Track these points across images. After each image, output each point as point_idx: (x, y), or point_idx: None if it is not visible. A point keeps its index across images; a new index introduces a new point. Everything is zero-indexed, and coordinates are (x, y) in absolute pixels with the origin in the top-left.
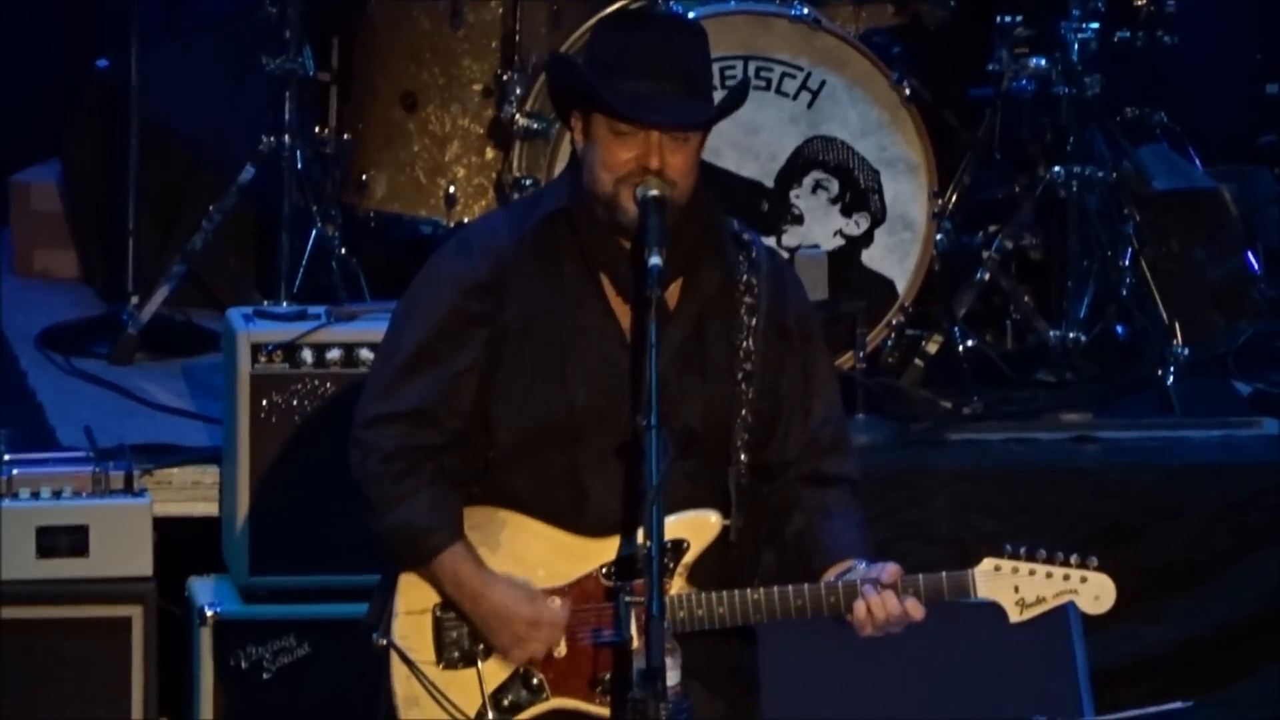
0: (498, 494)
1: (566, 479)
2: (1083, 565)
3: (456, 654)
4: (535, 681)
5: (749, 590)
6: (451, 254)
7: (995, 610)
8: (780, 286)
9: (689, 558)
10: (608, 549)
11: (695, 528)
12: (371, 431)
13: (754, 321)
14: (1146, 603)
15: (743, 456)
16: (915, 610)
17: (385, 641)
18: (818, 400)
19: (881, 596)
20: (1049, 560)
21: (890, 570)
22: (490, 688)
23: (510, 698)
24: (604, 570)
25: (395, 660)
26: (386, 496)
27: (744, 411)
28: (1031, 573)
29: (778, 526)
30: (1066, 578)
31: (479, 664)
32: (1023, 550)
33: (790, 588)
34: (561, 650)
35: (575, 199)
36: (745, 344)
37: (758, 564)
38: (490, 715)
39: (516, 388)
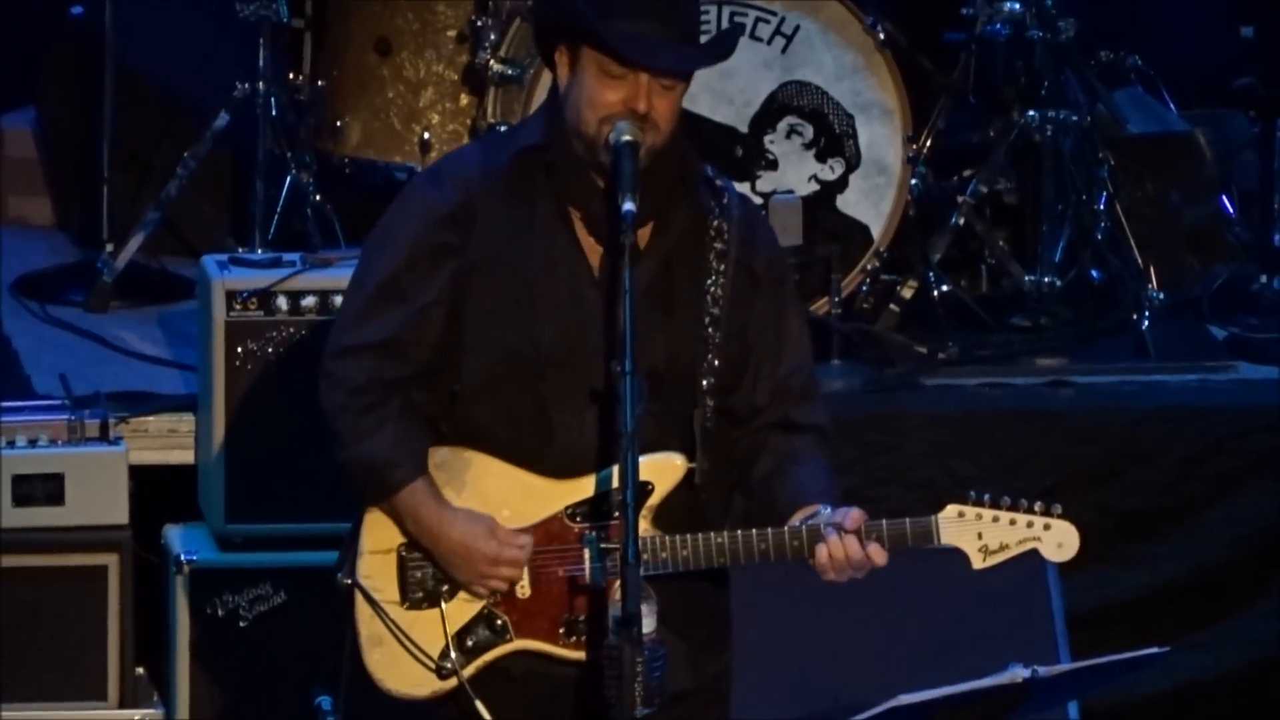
0: (465, 431)
1: (532, 416)
2: (1046, 513)
3: (420, 594)
4: (499, 623)
5: (712, 534)
6: (423, 184)
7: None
8: (751, 233)
9: (653, 500)
10: (574, 490)
11: (659, 470)
12: (340, 362)
13: (723, 266)
14: (1122, 547)
15: (709, 400)
16: (878, 555)
17: (350, 581)
18: (788, 347)
19: (843, 541)
20: (1013, 507)
21: (853, 516)
22: (454, 628)
23: (474, 639)
24: (569, 511)
25: (360, 599)
26: (352, 429)
27: (710, 355)
28: (995, 519)
29: (745, 471)
30: (1030, 525)
31: (443, 604)
32: (986, 497)
33: (754, 531)
34: (526, 591)
35: (552, 135)
36: (714, 289)
37: (727, 508)
38: (453, 656)
39: (482, 320)
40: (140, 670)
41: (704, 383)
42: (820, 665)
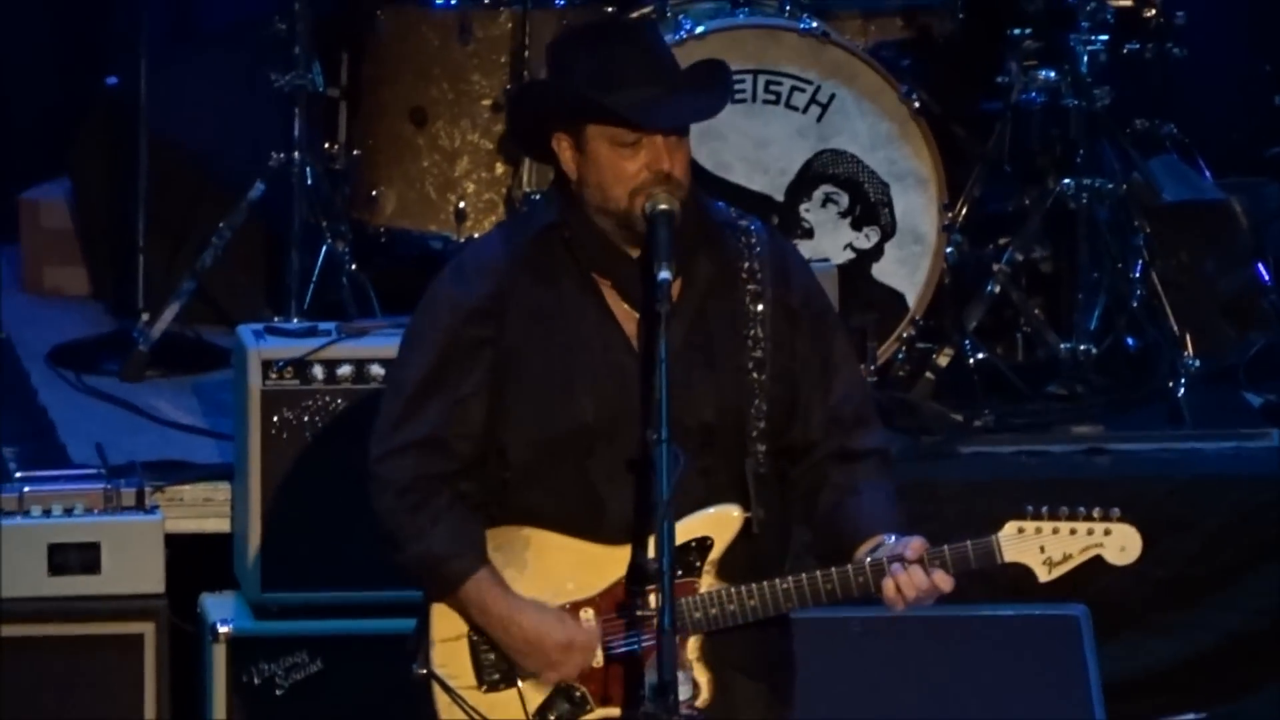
0: (517, 512)
1: (583, 491)
2: (1106, 518)
3: (496, 675)
4: (578, 694)
5: (777, 580)
6: (448, 280)
7: (1007, 625)
8: (783, 268)
9: (715, 554)
10: (634, 554)
11: (717, 523)
12: (384, 466)
13: (760, 308)
14: (1157, 615)
15: (759, 446)
16: (943, 582)
17: (425, 671)
18: (836, 378)
19: (909, 572)
20: (1071, 517)
21: (914, 545)
22: (533, 706)
23: (555, 714)
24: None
25: (437, 689)
26: (405, 529)
27: (758, 400)
28: (1055, 531)
29: (810, 506)
30: (1090, 532)
31: (519, 683)
32: (1045, 510)
33: (819, 573)
34: (599, 660)
35: (567, 213)
36: (753, 331)
37: (785, 551)
38: None
39: (526, 405)
40: None
41: (754, 429)
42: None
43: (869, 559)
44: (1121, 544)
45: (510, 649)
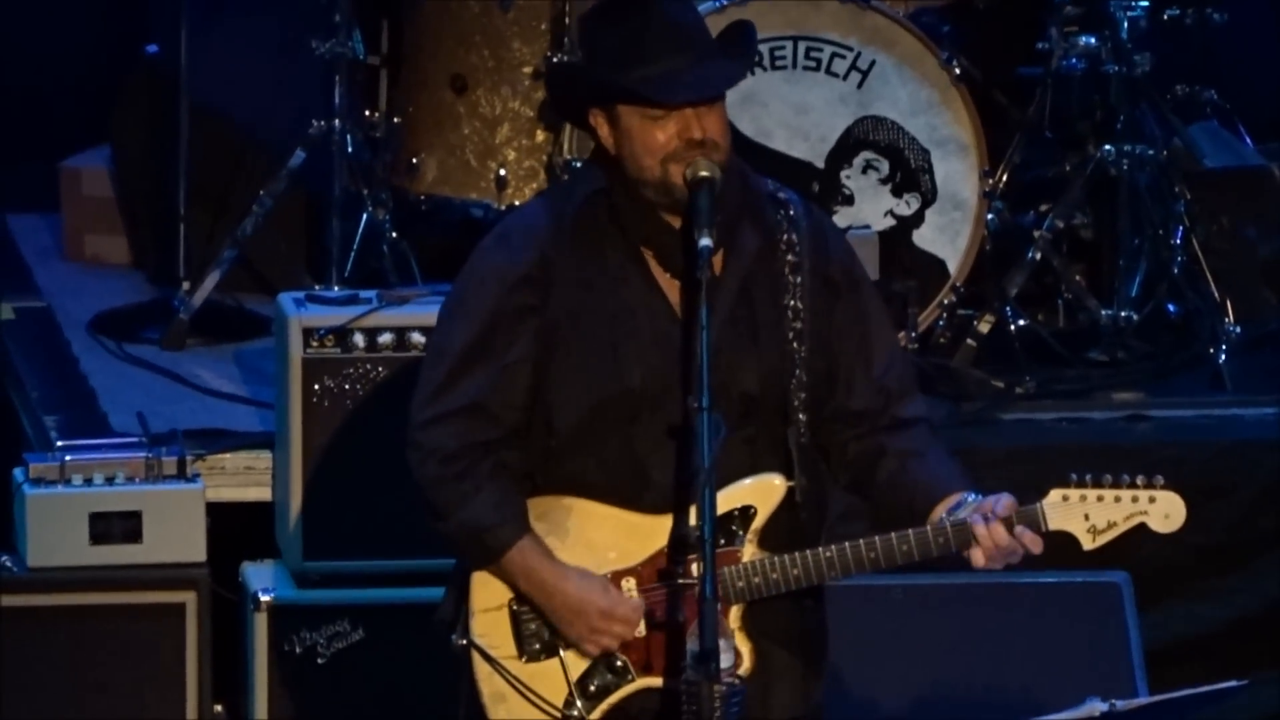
0: (560, 481)
1: (627, 460)
2: (1149, 485)
3: (537, 645)
4: (619, 664)
5: (820, 549)
6: (492, 248)
7: (1048, 592)
8: (822, 240)
9: (758, 523)
10: (677, 523)
11: (761, 492)
12: (427, 432)
13: (799, 279)
14: (1199, 581)
15: (801, 416)
16: (1033, 544)
17: (465, 641)
18: (877, 347)
19: (991, 529)
20: (1115, 485)
21: (1006, 503)
22: (575, 675)
23: (596, 683)
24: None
25: (477, 658)
26: (449, 498)
27: (799, 371)
28: (1100, 499)
29: (867, 476)
30: (1135, 499)
31: (561, 653)
32: (1089, 477)
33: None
34: (641, 630)
35: (610, 182)
36: (793, 303)
37: (824, 520)
38: (578, 703)
39: (571, 374)
40: (218, 708)
41: (795, 400)
42: (897, 698)
43: (950, 519)
44: (1166, 512)
45: (553, 616)
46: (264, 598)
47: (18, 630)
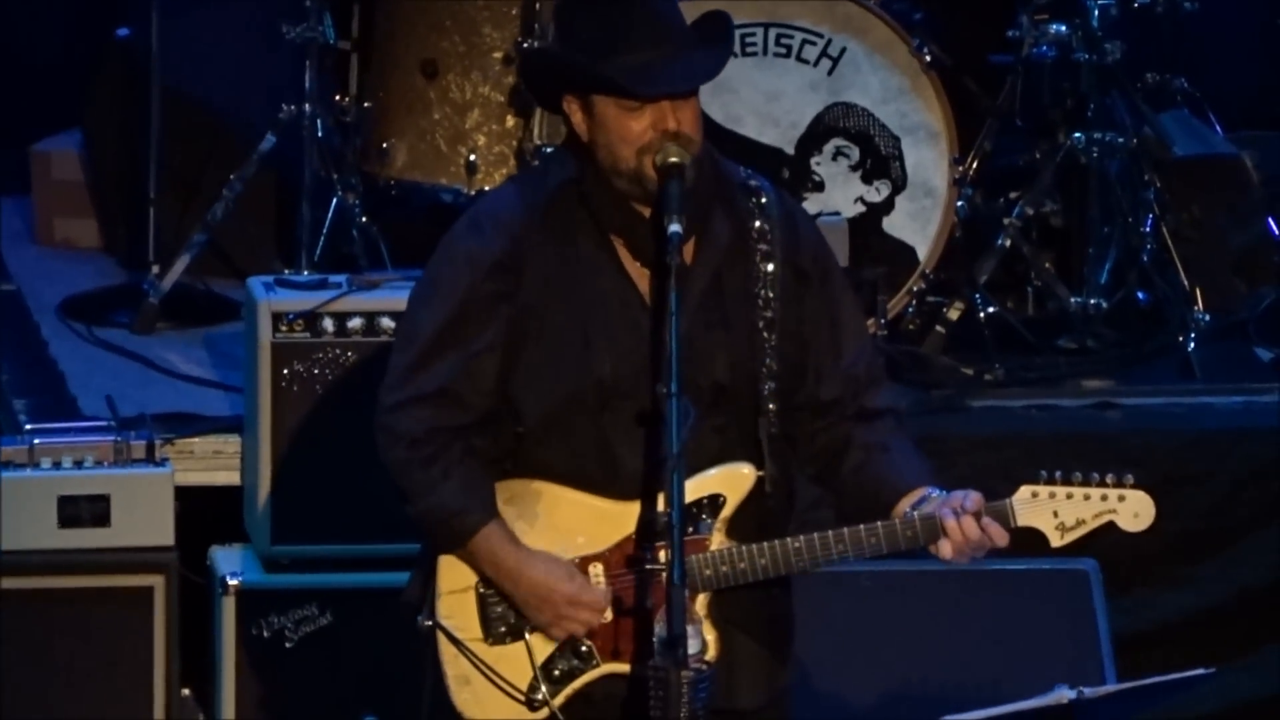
0: (530, 469)
1: (597, 447)
2: (1119, 484)
3: (503, 628)
4: (584, 649)
5: (789, 539)
6: (464, 233)
7: (1017, 579)
8: (793, 229)
9: (726, 511)
10: (645, 509)
11: (730, 481)
12: (396, 416)
13: (770, 268)
14: (1168, 569)
15: (771, 405)
16: (999, 537)
17: (431, 623)
18: (847, 337)
19: (961, 523)
20: (1085, 482)
21: (974, 498)
22: (540, 659)
23: (561, 667)
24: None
25: (442, 640)
26: (418, 482)
27: (769, 360)
28: (1069, 496)
29: (833, 465)
30: (1104, 498)
31: (526, 636)
32: (1058, 475)
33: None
34: (607, 616)
35: (583, 170)
36: (764, 292)
37: (792, 510)
38: (543, 687)
39: (542, 362)
40: (186, 692)
41: (765, 388)
42: (865, 686)
43: (917, 513)
44: (1135, 510)
45: (519, 601)
46: (232, 582)
47: None
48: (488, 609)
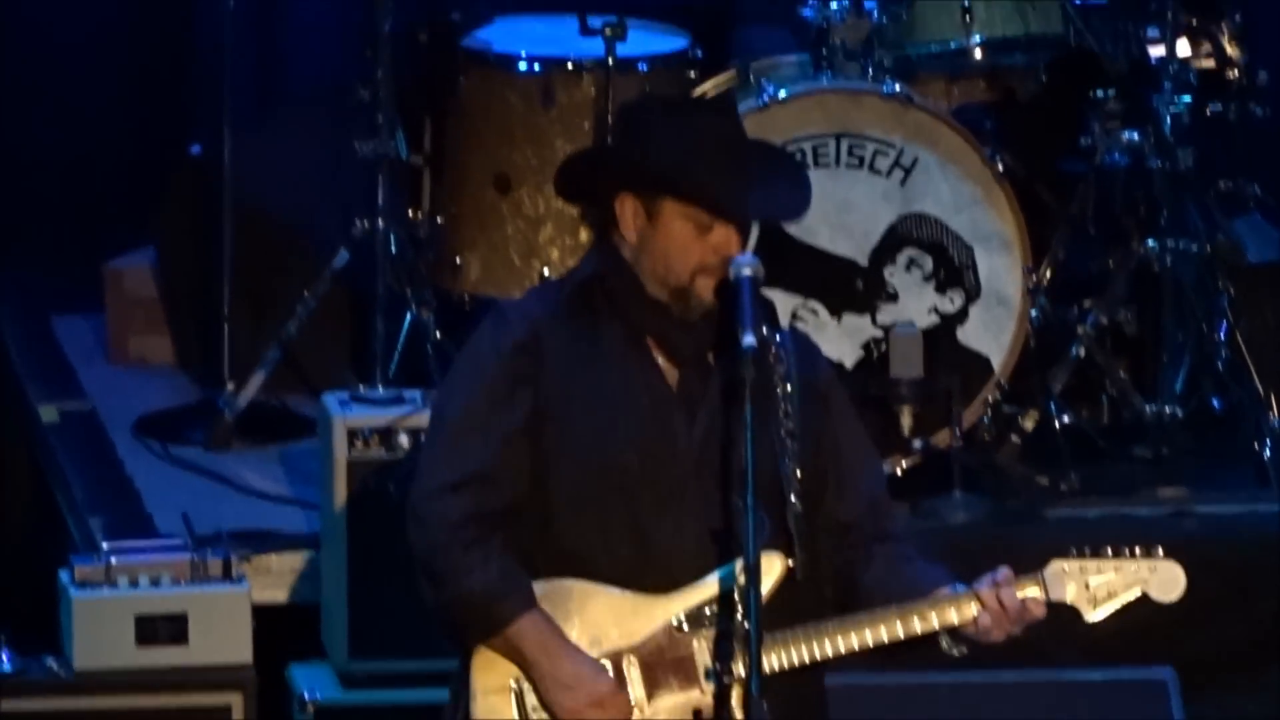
0: (559, 561)
1: (627, 535)
2: (1149, 554)
3: None
4: None
5: (825, 625)
6: (488, 327)
7: (1094, 691)
8: (808, 352)
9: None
10: (679, 600)
11: (762, 570)
12: (432, 503)
13: (788, 385)
14: (1246, 674)
15: (793, 499)
16: (1035, 607)
17: None
18: (867, 461)
19: (1000, 593)
20: (1115, 554)
21: (1004, 572)
22: None
23: None
24: (677, 623)
25: None
26: (455, 565)
27: (790, 460)
28: (1099, 568)
29: (852, 581)
30: (1135, 569)
31: None
32: (1087, 549)
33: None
34: (644, 711)
35: (611, 268)
36: (784, 404)
37: (823, 601)
38: None
39: (566, 450)
40: None
41: (790, 486)
42: None
43: (951, 591)
44: (1166, 580)
45: (548, 682)
46: (310, 699)
47: None
48: (524, 702)
